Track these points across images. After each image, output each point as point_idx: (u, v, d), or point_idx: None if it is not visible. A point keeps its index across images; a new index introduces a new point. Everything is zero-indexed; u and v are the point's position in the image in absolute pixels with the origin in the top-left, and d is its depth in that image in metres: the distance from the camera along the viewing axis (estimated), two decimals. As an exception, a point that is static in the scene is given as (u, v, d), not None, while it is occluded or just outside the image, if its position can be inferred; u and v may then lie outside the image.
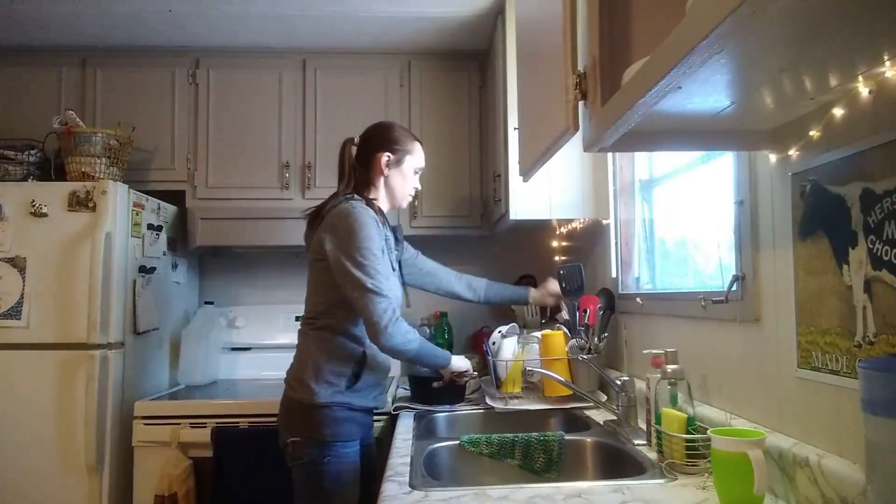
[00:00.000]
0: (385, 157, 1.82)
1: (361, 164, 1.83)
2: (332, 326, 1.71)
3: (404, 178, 1.85)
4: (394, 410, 2.06)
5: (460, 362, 1.91)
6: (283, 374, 1.80)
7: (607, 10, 1.03)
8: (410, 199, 1.91)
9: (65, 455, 2.17)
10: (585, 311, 2.03)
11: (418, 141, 1.91)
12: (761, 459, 0.98)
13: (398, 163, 1.84)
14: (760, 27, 0.62)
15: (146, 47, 2.76)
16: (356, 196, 1.78)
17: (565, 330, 2.08)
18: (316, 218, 1.79)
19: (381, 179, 1.83)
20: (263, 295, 3.01)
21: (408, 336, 1.67)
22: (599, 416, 1.82)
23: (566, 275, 2.11)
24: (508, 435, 1.58)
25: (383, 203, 1.85)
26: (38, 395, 2.19)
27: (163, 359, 2.64)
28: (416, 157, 1.88)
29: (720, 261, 1.42)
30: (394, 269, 1.79)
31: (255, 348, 2.84)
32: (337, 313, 1.71)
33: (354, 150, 1.85)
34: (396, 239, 1.89)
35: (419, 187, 1.93)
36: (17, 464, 2.17)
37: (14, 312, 2.22)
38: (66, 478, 2.17)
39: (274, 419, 1.79)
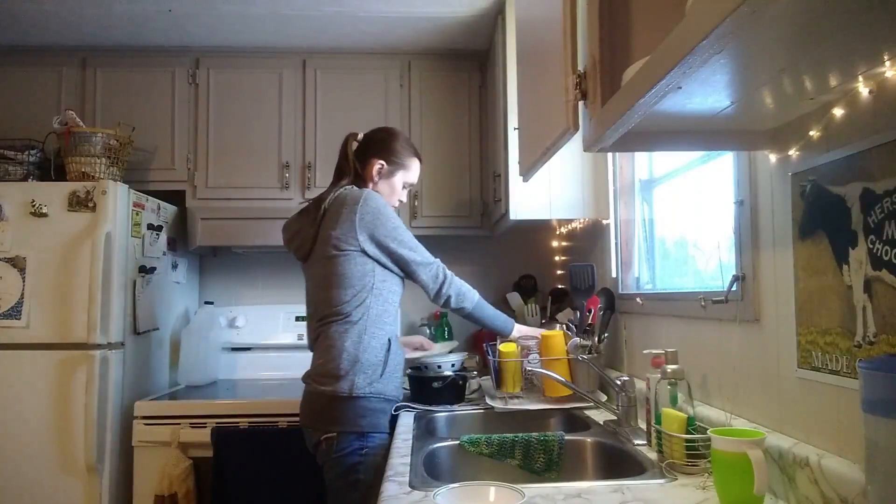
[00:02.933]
0: (378, 164, 1.83)
1: (359, 161, 1.85)
2: (360, 319, 1.72)
3: (391, 189, 1.88)
4: (394, 410, 2.06)
5: (525, 330, 1.96)
6: (283, 374, 1.80)
7: (607, 10, 1.03)
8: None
9: (65, 455, 2.17)
10: (590, 311, 2.03)
11: (418, 157, 1.92)
12: (761, 459, 0.98)
13: (390, 174, 1.86)
14: (760, 27, 0.62)
15: (146, 47, 2.76)
16: (355, 186, 1.80)
17: (565, 330, 2.08)
18: (314, 212, 1.78)
19: (370, 184, 1.86)
20: (263, 295, 3.01)
21: (463, 290, 1.83)
22: (599, 416, 1.82)
23: (577, 274, 2.10)
24: (508, 435, 1.58)
25: None
26: (38, 395, 2.19)
27: (163, 359, 2.64)
28: (409, 173, 1.89)
29: (720, 261, 1.42)
30: None
31: (255, 348, 2.84)
32: (369, 300, 1.73)
33: (355, 145, 1.86)
34: None
35: (404, 200, 1.96)
36: (17, 464, 2.17)
37: (14, 312, 2.22)
38: (66, 478, 2.17)
39: (275, 419, 1.79)
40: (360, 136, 1.88)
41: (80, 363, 2.18)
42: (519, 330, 1.96)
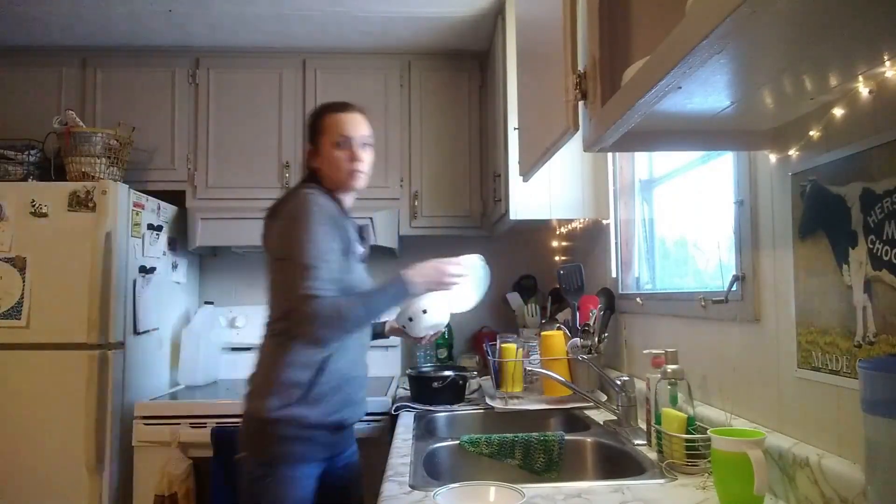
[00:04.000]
0: (308, 151, 1.65)
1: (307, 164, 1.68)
2: (288, 331, 1.49)
3: (329, 160, 1.59)
4: (394, 410, 2.06)
5: (418, 269, 1.60)
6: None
7: (607, 10, 1.03)
8: (361, 173, 1.61)
9: (65, 455, 2.17)
10: (592, 312, 2.03)
11: (336, 110, 1.63)
12: (761, 459, 0.98)
13: (317, 148, 1.62)
14: (760, 27, 0.62)
15: (146, 47, 2.76)
16: (309, 185, 1.60)
17: (565, 330, 2.08)
18: (273, 212, 1.60)
19: (318, 171, 1.63)
20: (263, 295, 3.00)
21: (341, 323, 1.46)
22: (599, 416, 1.82)
23: (566, 275, 2.11)
24: (508, 435, 1.58)
25: (336, 190, 1.62)
26: (38, 395, 2.19)
27: (163, 359, 2.64)
28: (330, 131, 1.59)
29: (720, 261, 1.42)
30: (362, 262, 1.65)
31: (255, 348, 2.83)
32: (289, 315, 1.49)
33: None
34: (362, 237, 1.68)
35: (364, 160, 1.61)
36: (17, 463, 2.17)
37: (14, 312, 2.22)
38: (66, 478, 2.17)
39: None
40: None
41: (80, 363, 2.18)
42: (412, 276, 1.59)
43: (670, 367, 1.34)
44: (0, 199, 2.26)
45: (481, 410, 2.00)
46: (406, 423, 1.84)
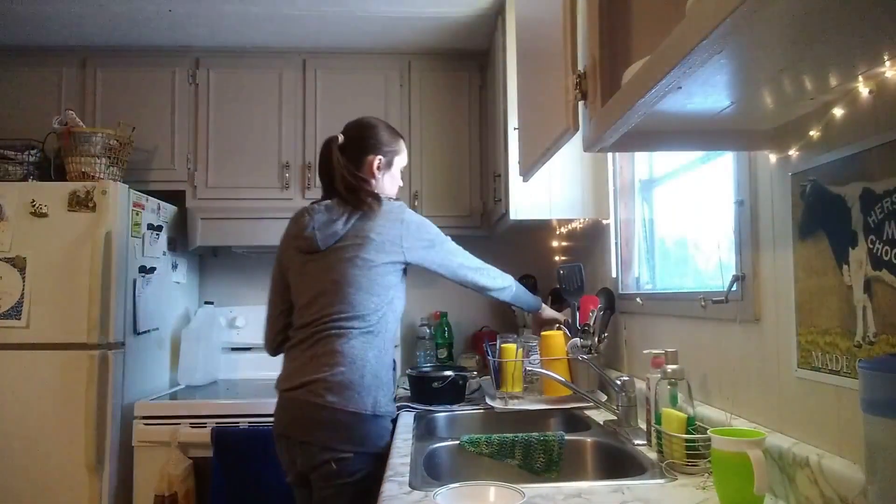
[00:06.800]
0: (377, 160, 1.78)
1: (352, 162, 1.76)
2: (382, 332, 1.67)
3: (392, 179, 1.85)
4: (394, 410, 2.06)
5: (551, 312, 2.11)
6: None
7: (607, 10, 1.03)
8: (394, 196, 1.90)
9: (65, 455, 2.17)
10: (592, 312, 2.03)
11: (402, 137, 1.90)
12: (761, 459, 0.98)
13: (388, 165, 1.82)
14: (760, 27, 0.62)
15: (146, 47, 2.76)
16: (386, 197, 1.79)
17: (565, 330, 2.08)
18: (348, 211, 1.67)
19: (373, 182, 1.78)
20: (263, 295, 2.96)
21: (504, 283, 1.93)
22: (599, 416, 1.82)
23: (566, 275, 2.11)
24: (508, 435, 1.58)
25: None
26: (38, 395, 2.19)
27: (163, 359, 2.64)
28: (402, 157, 1.87)
29: (720, 261, 1.42)
30: None
31: (255, 348, 2.84)
32: (385, 315, 1.67)
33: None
34: None
35: (402, 184, 1.94)
36: (17, 463, 2.17)
37: (14, 312, 2.22)
38: (66, 477, 2.17)
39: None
40: (341, 138, 1.79)
41: (80, 363, 2.18)
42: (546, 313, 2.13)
43: (670, 367, 1.34)
44: (0, 199, 2.26)
45: (481, 410, 2.00)
46: (406, 423, 1.84)
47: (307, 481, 1.61)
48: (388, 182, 1.84)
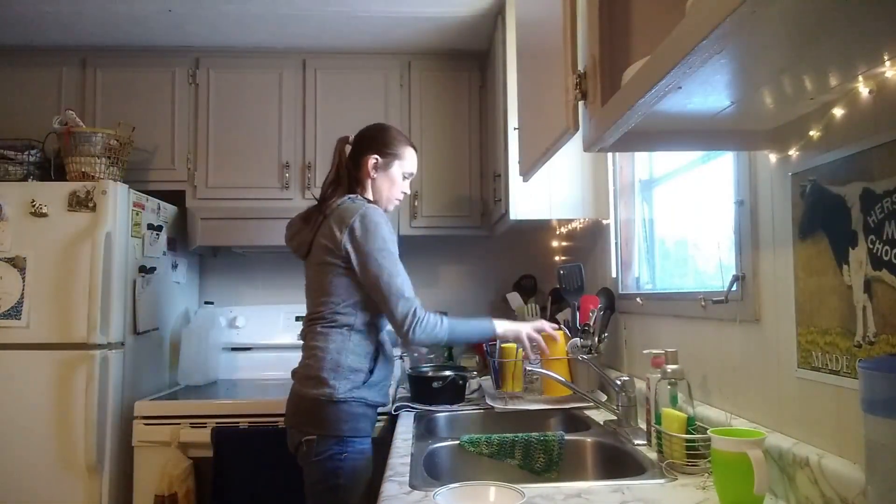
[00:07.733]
0: (373, 159, 1.80)
1: (353, 162, 1.82)
2: (351, 324, 1.71)
3: (391, 182, 1.83)
4: (394, 411, 2.06)
5: (511, 326, 1.84)
6: (283, 374, 1.79)
7: (607, 10, 1.03)
8: (398, 203, 1.89)
9: (65, 455, 2.17)
10: (593, 312, 2.03)
11: (412, 147, 1.88)
12: (761, 459, 0.98)
13: (386, 166, 1.82)
14: (760, 27, 0.62)
15: (146, 47, 2.76)
16: (358, 196, 1.77)
17: (565, 330, 2.08)
18: (316, 217, 1.77)
19: (369, 181, 1.82)
20: (263, 295, 3.01)
21: (433, 331, 1.69)
22: (599, 416, 1.82)
23: (566, 275, 2.11)
24: (508, 435, 1.58)
25: (376, 203, 1.83)
26: (38, 395, 2.19)
27: (163, 359, 2.64)
28: (405, 163, 1.85)
29: (720, 261, 1.42)
30: None
31: (255, 348, 2.84)
32: (356, 312, 1.71)
33: (349, 148, 1.85)
34: None
35: (408, 192, 1.91)
36: (17, 464, 2.17)
37: (14, 312, 2.22)
38: (66, 478, 2.17)
39: (275, 419, 1.78)
40: (352, 137, 1.85)
41: (80, 363, 2.18)
42: (502, 325, 1.84)
43: (670, 367, 1.34)
44: (0, 199, 2.26)
45: (481, 410, 2.00)
46: (406, 423, 1.84)
47: None
48: (385, 184, 1.83)
